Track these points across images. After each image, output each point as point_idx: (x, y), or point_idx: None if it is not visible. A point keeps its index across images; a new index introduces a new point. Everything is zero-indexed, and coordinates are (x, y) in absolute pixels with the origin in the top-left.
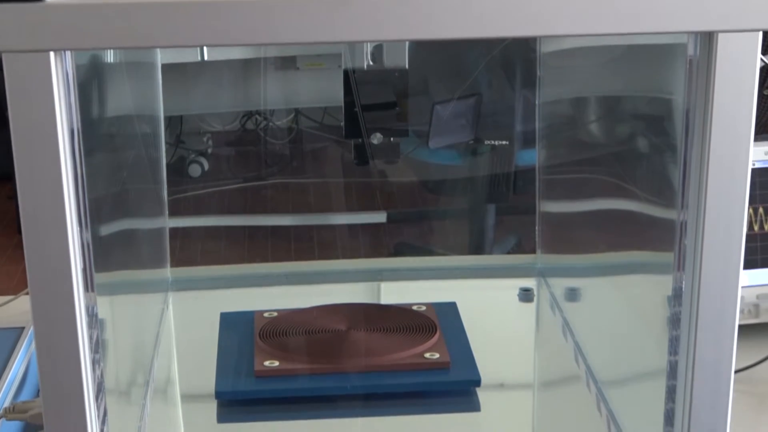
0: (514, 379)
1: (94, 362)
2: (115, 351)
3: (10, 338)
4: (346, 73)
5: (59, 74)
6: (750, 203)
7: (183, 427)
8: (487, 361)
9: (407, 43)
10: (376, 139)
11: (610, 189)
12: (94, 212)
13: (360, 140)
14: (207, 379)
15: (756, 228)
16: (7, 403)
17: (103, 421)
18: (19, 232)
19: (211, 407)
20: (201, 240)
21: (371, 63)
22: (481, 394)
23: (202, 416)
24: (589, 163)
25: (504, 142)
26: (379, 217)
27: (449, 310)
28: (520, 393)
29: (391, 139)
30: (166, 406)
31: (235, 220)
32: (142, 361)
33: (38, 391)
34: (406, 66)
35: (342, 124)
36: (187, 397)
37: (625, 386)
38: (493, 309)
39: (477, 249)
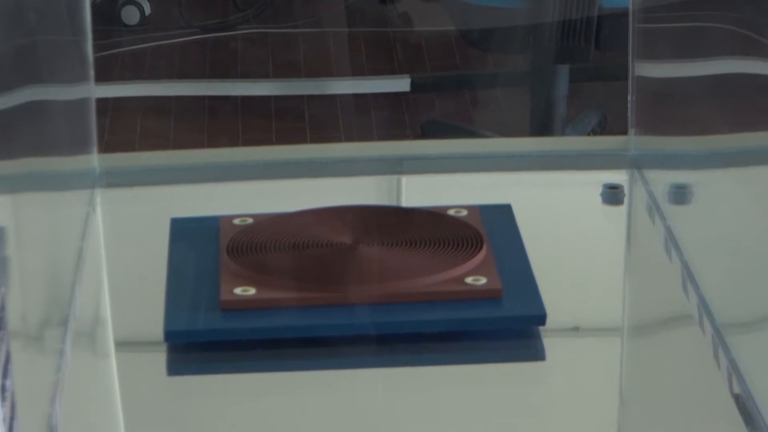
0: (593, 315)
1: None
2: (20, 274)
3: None
4: None
5: None
6: None
7: (118, 382)
8: (554, 290)
9: None
10: None
11: (738, 42)
12: None
13: None
14: (152, 315)
15: None
16: None
17: (5, 372)
18: None
19: (159, 354)
20: (141, 115)
21: None
22: (546, 337)
23: (146, 366)
24: (708, 4)
25: None
26: (401, 83)
27: (501, 215)
28: (603, 336)
29: None
30: (94, 353)
31: (189, 88)
32: (59, 288)
33: None
34: None
35: None
36: (124, 341)
37: (755, 327)
38: (565, 214)
39: (542, 129)
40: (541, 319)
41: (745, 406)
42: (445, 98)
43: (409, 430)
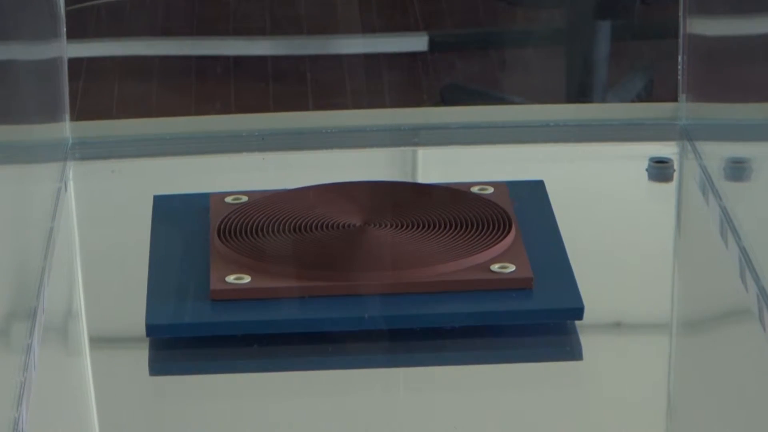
0: (637, 309)
1: None
2: None
3: None
4: None
5: None
6: None
7: (93, 383)
8: (593, 280)
9: None
10: None
11: None
12: None
13: None
14: (132, 307)
15: None
16: None
17: None
18: None
19: (140, 352)
20: (120, 78)
21: None
22: (584, 333)
23: (126, 365)
24: None
25: None
26: (417, 42)
27: (532, 193)
28: (648, 333)
29: None
30: (66, 349)
31: (175, 47)
32: (25, 276)
33: None
34: None
35: None
36: (100, 337)
37: None
38: (606, 193)
39: (580, 94)
40: (578, 312)
41: None
42: (468, 59)
43: None
